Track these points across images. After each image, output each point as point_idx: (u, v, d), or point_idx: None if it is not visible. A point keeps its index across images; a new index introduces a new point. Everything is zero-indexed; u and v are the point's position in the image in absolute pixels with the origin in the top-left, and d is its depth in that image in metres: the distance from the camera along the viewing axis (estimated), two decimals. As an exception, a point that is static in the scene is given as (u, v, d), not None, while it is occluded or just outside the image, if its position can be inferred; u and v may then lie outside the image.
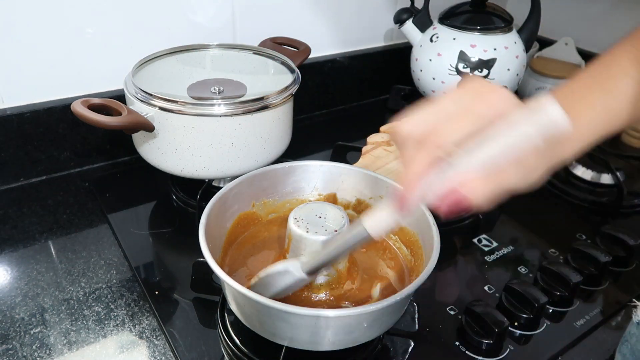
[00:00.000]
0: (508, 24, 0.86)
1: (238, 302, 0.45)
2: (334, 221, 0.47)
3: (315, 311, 0.39)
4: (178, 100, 0.59)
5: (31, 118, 0.69)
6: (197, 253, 0.54)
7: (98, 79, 0.73)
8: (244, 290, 0.40)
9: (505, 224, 0.69)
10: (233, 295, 0.45)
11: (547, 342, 0.51)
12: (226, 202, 0.52)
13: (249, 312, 0.44)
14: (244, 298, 0.42)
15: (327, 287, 0.48)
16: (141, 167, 0.70)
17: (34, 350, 0.48)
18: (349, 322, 0.41)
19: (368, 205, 0.57)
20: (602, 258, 0.58)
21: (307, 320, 0.41)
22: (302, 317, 0.40)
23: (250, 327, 0.45)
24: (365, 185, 0.57)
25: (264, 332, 0.44)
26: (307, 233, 0.46)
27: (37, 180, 0.73)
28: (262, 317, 0.43)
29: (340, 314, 0.40)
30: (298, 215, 0.48)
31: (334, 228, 0.47)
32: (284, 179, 0.57)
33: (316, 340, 0.43)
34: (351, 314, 0.40)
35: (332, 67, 0.95)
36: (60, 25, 0.67)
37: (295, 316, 0.40)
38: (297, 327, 0.42)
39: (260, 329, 0.44)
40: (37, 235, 0.62)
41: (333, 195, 0.58)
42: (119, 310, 0.53)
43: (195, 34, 0.78)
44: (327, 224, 0.47)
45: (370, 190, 0.57)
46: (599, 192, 0.76)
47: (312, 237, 0.46)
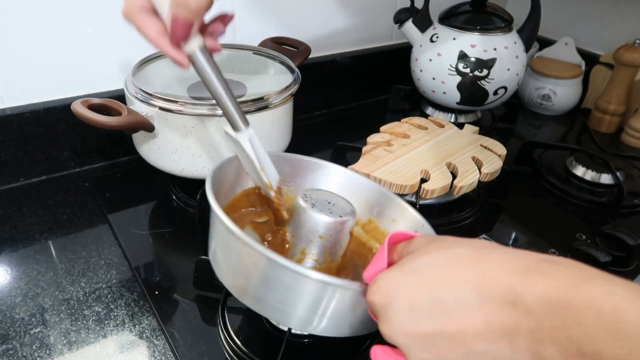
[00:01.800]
0: (508, 24, 0.86)
1: (227, 252, 0.41)
2: (342, 209, 0.46)
3: (324, 276, 0.35)
4: (178, 100, 0.59)
5: (31, 118, 0.69)
6: (197, 252, 0.55)
7: (98, 79, 0.73)
8: (242, 234, 0.37)
9: (505, 224, 0.69)
10: (223, 241, 0.41)
11: (547, 342, 0.51)
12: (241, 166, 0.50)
13: (236, 267, 0.41)
14: (238, 244, 0.38)
15: None
16: (141, 167, 0.70)
17: (34, 350, 0.48)
18: (355, 300, 0.37)
19: (378, 227, 0.54)
20: (602, 258, 0.58)
21: (310, 287, 0.37)
22: (305, 281, 0.36)
23: (230, 289, 0.42)
24: (380, 203, 0.54)
25: (245, 295, 0.41)
26: (312, 208, 0.45)
27: (37, 180, 0.73)
28: (252, 275, 0.39)
29: (352, 286, 0.36)
30: (309, 194, 0.47)
31: (339, 214, 0.45)
32: (304, 172, 0.55)
33: (309, 317, 0.38)
34: (363, 289, 0.36)
35: (332, 67, 0.95)
36: (60, 25, 0.67)
37: (298, 278, 0.36)
38: (293, 294, 0.38)
39: (241, 291, 0.41)
40: (37, 235, 0.62)
41: (371, 220, 0.56)
42: (119, 310, 0.53)
43: (195, 34, 0.78)
44: (334, 209, 0.46)
45: (384, 211, 0.54)
46: (599, 192, 0.76)
47: (315, 213, 0.44)
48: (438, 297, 0.30)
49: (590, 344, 0.25)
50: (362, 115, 1.00)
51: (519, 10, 0.94)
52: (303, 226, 0.46)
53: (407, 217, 0.52)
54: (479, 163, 0.69)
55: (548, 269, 0.28)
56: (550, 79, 0.98)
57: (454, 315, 0.29)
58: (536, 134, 0.97)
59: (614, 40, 0.98)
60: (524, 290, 0.27)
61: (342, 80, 0.98)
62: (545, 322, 0.26)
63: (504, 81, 0.85)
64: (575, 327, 0.25)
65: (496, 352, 0.29)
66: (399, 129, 0.77)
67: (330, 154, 0.78)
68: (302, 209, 0.45)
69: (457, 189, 0.65)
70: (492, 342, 0.28)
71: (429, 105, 0.97)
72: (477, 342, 0.29)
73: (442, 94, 0.88)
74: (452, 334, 0.29)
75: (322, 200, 0.47)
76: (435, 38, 0.87)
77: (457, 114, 0.93)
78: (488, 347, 0.29)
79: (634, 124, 0.90)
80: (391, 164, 0.67)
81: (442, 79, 0.86)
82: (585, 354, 0.25)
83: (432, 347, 0.30)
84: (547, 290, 0.27)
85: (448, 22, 0.87)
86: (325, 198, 0.48)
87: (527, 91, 1.02)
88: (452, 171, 0.67)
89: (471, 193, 0.68)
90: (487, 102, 0.87)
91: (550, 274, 0.27)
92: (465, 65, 0.83)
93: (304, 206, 0.45)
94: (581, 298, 0.26)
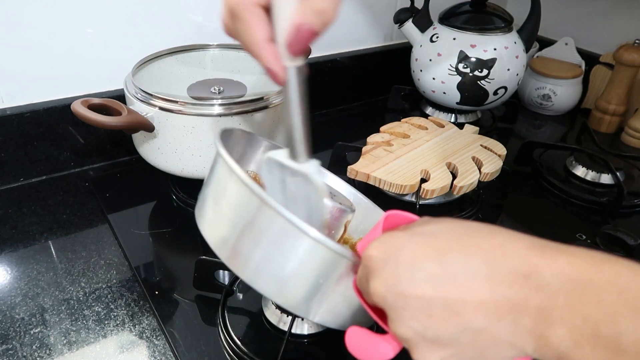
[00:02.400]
0: (508, 24, 0.86)
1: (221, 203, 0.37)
2: (342, 201, 0.47)
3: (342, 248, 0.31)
4: (178, 100, 0.59)
5: (31, 118, 0.69)
6: (197, 253, 0.54)
7: (98, 79, 0.73)
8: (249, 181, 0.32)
9: (505, 224, 0.69)
10: (221, 190, 0.37)
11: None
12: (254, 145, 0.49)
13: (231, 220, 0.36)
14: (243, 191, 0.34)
15: None
16: (141, 167, 0.70)
17: (34, 350, 0.48)
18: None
19: None
20: (602, 258, 0.58)
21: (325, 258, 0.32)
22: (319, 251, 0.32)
23: (218, 252, 0.37)
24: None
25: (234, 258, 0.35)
26: None
27: (37, 180, 0.73)
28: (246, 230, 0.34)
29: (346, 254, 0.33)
30: None
31: (339, 202, 0.46)
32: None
33: (308, 298, 0.34)
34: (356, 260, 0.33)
35: (332, 67, 0.95)
36: (60, 25, 0.67)
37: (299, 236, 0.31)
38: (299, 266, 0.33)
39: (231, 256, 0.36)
40: (37, 235, 0.62)
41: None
42: (119, 310, 0.53)
43: (195, 34, 0.78)
44: (335, 199, 0.47)
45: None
46: (599, 192, 0.76)
47: None
48: (444, 260, 0.27)
49: (610, 324, 0.23)
50: (362, 115, 1.00)
51: (519, 10, 0.94)
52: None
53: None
54: (479, 163, 0.69)
55: (568, 248, 0.26)
56: (550, 79, 0.98)
57: (458, 281, 0.27)
58: (536, 134, 0.97)
59: (614, 40, 0.98)
60: (541, 262, 0.25)
61: (342, 80, 0.98)
62: (559, 299, 0.25)
63: (504, 81, 0.85)
64: (594, 305, 0.24)
65: (495, 331, 0.26)
66: (399, 129, 0.77)
67: (330, 154, 0.78)
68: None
69: (457, 189, 0.65)
70: (494, 317, 0.26)
71: (429, 105, 0.97)
72: (478, 315, 0.26)
73: (442, 94, 0.88)
74: (452, 301, 0.27)
75: None
76: (435, 38, 0.87)
77: (457, 114, 0.93)
78: (488, 323, 0.26)
79: (634, 124, 0.90)
80: (391, 164, 0.67)
81: (442, 79, 0.86)
82: (600, 335, 0.23)
83: (425, 315, 0.27)
84: (567, 266, 0.25)
85: (448, 22, 0.87)
86: (328, 189, 0.49)
87: (527, 91, 1.02)
88: (452, 171, 0.67)
89: (471, 193, 0.68)
90: (487, 102, 0.87)
91: (571, 252, 0.26)
92: (465, 65, 0.83)
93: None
94: (604, 275, 0.24)
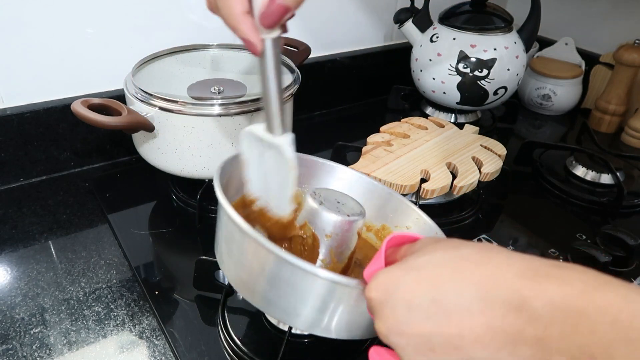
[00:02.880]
0: (508, 24, 0.86)
1: (232, 247, 0.40)
2: (351, 209, 0.45)
3: (333, 275, 0.34)
4: (178, 100, 0.59)
5: (31, 118, 0.69)
6: (197, 252, 0.55)
7: (98, 79, 0.73)
8: (248, 228, 0.36)
9: (505, 224, 0.69)
10: (228, 235, 0.40)
11: (547, 342, 0.51)
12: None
13: (241, 262, 0.40)
14: (244, 238, 0.37)
15: None
16: (141, 167, 0.70)
17: (34, 350, 0.48)
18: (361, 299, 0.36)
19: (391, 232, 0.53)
20: (602, 258, 0.58)
21: (314, 284, 0.36)
22: (308, 278, 0.35)
23: (234, 285, 0.41)
24: (394, 209, 0.54)
25: (250, 292, 0.40)
26: (319, 206, 0.44)
27: (37, 180, 0.73)
28: (257, 271, 0.38)
29: (351, 284, 0.35)
30: (317, 192, 0.46)
31: (347, 213, 0.44)
32: (319, 174, 0.54)
33: (314, 317, 0.38)
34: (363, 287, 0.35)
35: (332, 67, 0.95)
36: (60, 25, 0.67)
37: (307, 277, 0.35)
38: (296, 292, 0.37)
39: (244, 287, 0.40)
40: (37, 235, 0.62)
41: (385, 227, 0.55)
42: (119, 310, 0.53)
43: (195, 34, 0.78)
44: (343, 209, 0.45)
45: (398, 217, 0.53)
46: (599, 192, 0.76)
47: (322, 211, 0.44)
48: (439, 297, 0.28)
49: (605, 355, 0.24)
50: (362, 115, 1.00)
51: (519, 10, 0.94)
52: (310, 224, 0.45)
53: (420, 225, 0.51)
54: (479, 163, 0.69)
55: (559, 273, 0.26)
56: (550, 79, 0.98)
57: (454, 317, 0.28)
58: (536, 134, 0.97)
59: (614, 40, 0.98)
60: (531, 295, 0.26)
61: (342, 80, 0.98)
62: (554, 329, 0.25)
63: (504, 81, 0.85)
64: (588, 335, 0.24)
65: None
66: (399, 129, 0.77)
67: (330, 154, 0.78)
68: (310, 206, 0.45)
69: (457, 189, 0.65)
70: (493, 349, 0.27)
71: (429, 105, 0.97)
72: (477, 348, 0.27)
73: (442, 94, 0.88)
74: (450, 337, 0.28)
75: (331, 199, 0.46)
76: (435, 38, 0.87)
77: (457, 114, 0.93)
78: (488, 355, 0.27)
79: (634, 124, 0.90)
80: (391, 164, 0.67)
81: (442, 79, 0.86)
82: None
83: (428, 349, 0.29)
84: (557, 296, 0.25)
85: (448, 22, 0.87)
86: (334, 197, 0.47)
87: (527, 91, 1.02)
88: (452, 171, 0.67)
89: (471, 193, 0.68)
90: (487, 102, 0.87)
91: (561, 279, 0.26)
92: (465, 65, 0.83)
93: (311, 204, 0.44)
94: (595, 305, 0.24)
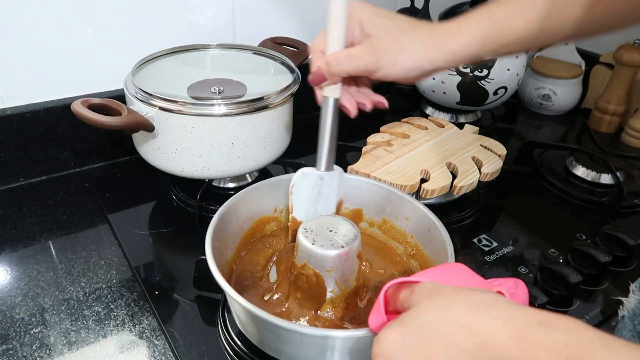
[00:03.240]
0: (508, 24, 0.86)
1: (238, 315, 0.45)
2: (344, 236, 0.46)
3: (323, 331, 0.39)
4: (178, 100, 0.59)
5: (31, 118, 0.69)
6: (197, 252, 0.54)
7: (98, 79, 0.73)
8: (245, 303, 0.39)
9: (505, 224, 0.69)
10: (234, 307, 0.45)
11: (547, 342, 0.51)
12: (248, 202, 0.53)
13: (251, 327, 0.44)
14: (245, 312, 0.41)
15: (330, 305, 0.47)
16: (141, 167, 0.70)
17: (34, 350, 0.48)
18: (361, 344, 0.40)
19: (394, 226, 0.56)
20: (602, 258, 0.58)
21: (313, 340, 0.40)
22: (307, 337, 0.39)
23: (251, 339, 0.46)
24: (390, 202, 0.55)
25: (263, 346, 0.44)
26: (312, 245, 0.45)
27: (37, 180, 0.73)
28: (262, 332, 0.43)
29: (350, 335, 0.39)
30: (309, 226, 0.47)
31: (341, 245, 0.45)
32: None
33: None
34: (360, 335, 0.38)
35: (332, 67, 0.95)
36: (60, 25, 0.67)
37: (300, 335, 0.39)
38: (302, 346, 0.41)
39: (260, 342, 0.44)
40: (37, 235, 0.62)
41: (359, 210, 0.58)
42: (119, 310, 0.53)
43: (195, 34, 0.78)
44: (336, 239, 0.46)
45: (396, 209, 0.55)
46: (599, 192, 0.76)
47: (316, 250, 0.45)
48: None
49: None
50: (362, 115, 0.99)
51: (519, 10, 0.94)
52: (310, 264, 0.46)
53: (418, 215, 0.52)
54: (479, 163, 0.69)
55: (544, 338, 0.27)
56: (550, 79, 0.98)
57: None
58: (536, 134, 0.97)
59: (614, 40, 0.98)
60: None
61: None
62: None
63: (504, 81, 0.85)
64: None
65: None
66: (399, 129, 0.77)
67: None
68: (305, 247, 0.45)
69: (457, 189, 0.65)
70: None
71: (429, 105, 0.97)
72: None
73: (442, 94, 0.88)
74: None
75: (322, 231, 0.46)
76: (435, 38, 0.87)
77: (457, 114, 0.93)
78: None
79: (634, 124, 0.90)
80: (391, 164, 0.67)
81: (442, 79, 0.86)
82: None
83: None
84: None
85: (448, 22, 0.87)
86: (325, 226, 0.47)
87: (527, 91, 1.02)
88: (452, 171, 0.67)
89: (471, 193, 0.68)
90: (487, 102, 0.87)
91: (546, 345, 0.27)
92: (465, 65, 0.83)
93: (305, 244, 0.45)
94: None
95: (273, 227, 0.57)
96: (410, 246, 0.54)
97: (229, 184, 0.71)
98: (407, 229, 0.55)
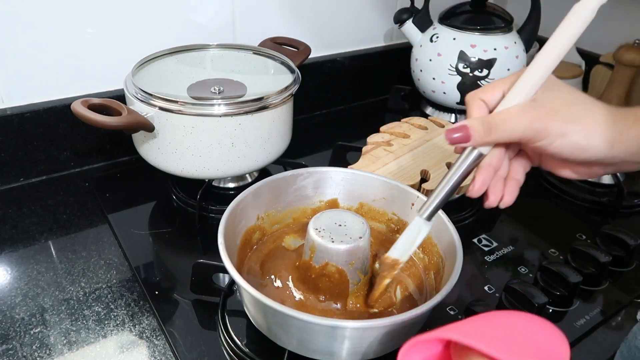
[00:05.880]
0: (508, 24, 0.86)
1: (253, 309, 0.45)
2: (355, 229, 0.47)
3: (333, 321, 0.39)
4: (178, 100, 0.59)
5: (31, 118, 0.69)
6: (197, 253, 0.55)
7: (98, 79, 0.74)
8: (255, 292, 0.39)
9: (505, 224, 0.69)
10: (250, 302, 0.44)
11: (547, 342, 0.51)
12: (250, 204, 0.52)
13: (263, 318, 0.44)
14: (261, 305, 0.41)
15: (353, 296, 0.47)
16: (141, 167, 0.70)
17: (34, 350, 0.48)
18: (372, 334, 0.40)
19: (401, 220, 0.56)
20: (602, 258, 0.58)
21: (324, 330, 0.40)
22: (317, 326, 0.39)
23: (261, 331, 0.46)
24: (392, 195, 0.56)
25: (273, 336, 0.44)
26: (332, 243, 0.45)
27: (37, 180, 0.73)
28: (273, 322, 0.43)
29: (360, 326, 0.39)
30: (318, 225, 0.47)
31: (358, 235, 0.46)
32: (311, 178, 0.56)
33: (332, 351, 0.41)
34: (373, 325, 0.39)
35: (332, 67, 0.95)
36: (60, 25, 0.67)
37: (311, 325, 0.39)
38: (313, 335, 0.41)
39: (269, 333, 0.44)
40: (37, 235, 0.62)
41: (362, 204, 0.58)
42: (119, 310, 0.53)
43: (195, 34, 0.78)
44: (350, 232, 0.46)
45: (399, 204, 0.56)
46: (599, 192, 0.76)
47: (338, 246, 0.45)
48: None
49: None
50: (362, 115, 1.00)
51: (519, 10, 0.94)
52: (332, 262, 0.46)
53: (420, 203, 0.52)
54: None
55: None
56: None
57: None
58: (536, 134, 0.97)
59: (614, 40, 0.98)
60: None
61: (342, 80, 0.98)
62: None
63: (504, 81, 0.85)
64: None
65: None
66: (399, 129, 0.77)
67: (330, 154, 0.78)
68: (323, 247, 0.46)
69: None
70: None
71: (429, 105, 0.97)
72: None
73: (442, 94, 0.88)
74: None
75: (334, 228, 0.47)
76: (435, 38, 0.87)
77: (457, 114, 0.93)
78: None
79: (634, 124, 0.90)
80: (391, 164, 0.67)
81: (442, 79, 0.86)
82: None
83: None
84: None
85: (448, 22, 0.87)
86: (334, 222, 0.47)
87: (527, 91, 1.02)
88: (452, 171, 0.67)
89: (471, 193, 0.68)
90: (487, 102, 0.87)
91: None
92: (465, 65, 0.83)
93: (324, 244, 0.45)
94: None
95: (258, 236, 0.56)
96: (393, 222, 0.56)
97: (229, 184, 0.71)
98: (387, 208, 0.56)
